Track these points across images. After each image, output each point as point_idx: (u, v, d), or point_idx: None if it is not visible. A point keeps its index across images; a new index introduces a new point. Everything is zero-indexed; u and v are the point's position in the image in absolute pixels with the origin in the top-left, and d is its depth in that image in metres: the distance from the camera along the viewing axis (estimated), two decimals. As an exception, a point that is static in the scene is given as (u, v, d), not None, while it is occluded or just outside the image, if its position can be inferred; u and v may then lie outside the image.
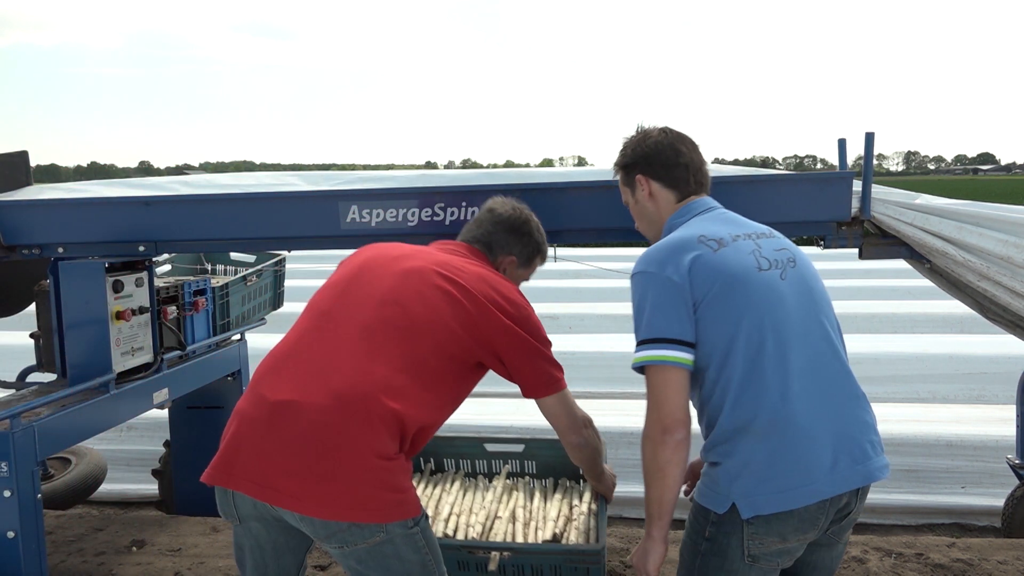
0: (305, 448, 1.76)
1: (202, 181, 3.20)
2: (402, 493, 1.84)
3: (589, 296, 10.06)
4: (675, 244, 1.86)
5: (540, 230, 2.36)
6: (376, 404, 1.81)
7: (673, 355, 1.77)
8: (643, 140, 2.11)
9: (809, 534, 1.82)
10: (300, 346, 1.93)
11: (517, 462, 3.05)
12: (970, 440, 4.26)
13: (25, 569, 2.39)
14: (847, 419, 1.84)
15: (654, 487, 1.85)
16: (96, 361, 2.88)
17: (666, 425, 1.78)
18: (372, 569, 1.89)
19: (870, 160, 2.59)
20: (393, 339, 1.90)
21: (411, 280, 2.00)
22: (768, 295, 1.83)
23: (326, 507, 1.76)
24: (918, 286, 10.22)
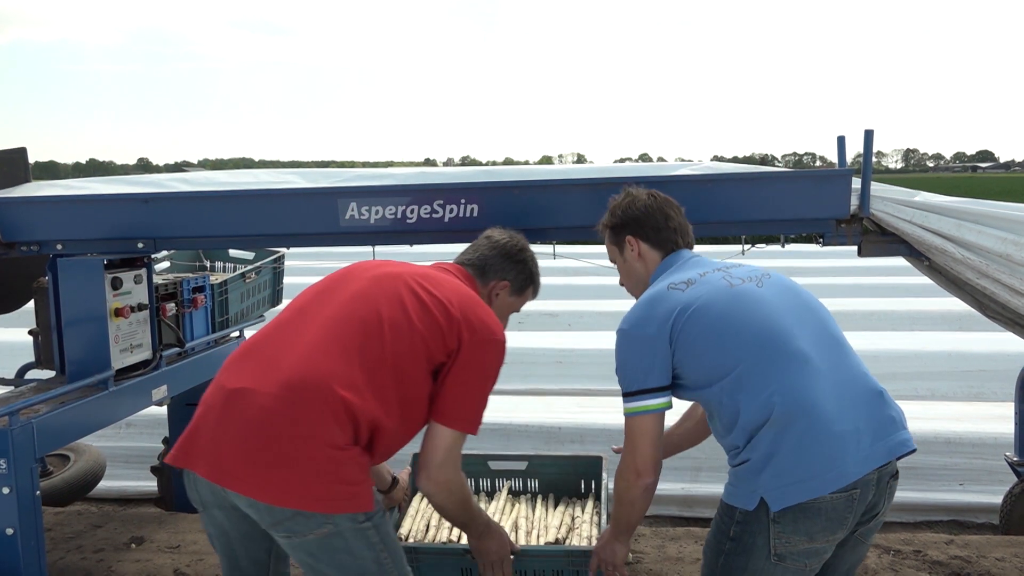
0: (254, 435, 1.80)
1: (201, 178, 3.19)
2: (351, 486, 1.84)
3: (587, 293, 10.05)
4: (648, 300, 2.01)
5: (535, 261, 2.37)
6: (326, 393, 1.82)
7: (647, 404, 1.95)
8: (632, 203, 2.23)
9: (838, 533, 1.82)
10: (265, 338, 1.98)
11: (520, 480, 3.06)
12: (968, 437, 4.26)
13: (24, 566, 2.40)
14: (861, 396, 1.87)
15: (623, 513, 2.12)
16: (95, 358, 2.88)
17: (639, 470, 1.99)
18: (323, 563, 1.89)
19: (869, 157, 2.59)
20: (354, 333, 1.92)
21: (385, 283, 2.03)
22: (749, 302, 1.94)
23: (271, 493, 1.79)
24: (917, 283, 10.21)
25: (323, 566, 1.90)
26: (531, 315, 8.53)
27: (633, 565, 2.86)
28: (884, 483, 1.87)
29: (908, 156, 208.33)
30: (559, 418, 4.58)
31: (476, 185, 2.77)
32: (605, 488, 2.80)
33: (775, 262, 13.74)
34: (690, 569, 2.85)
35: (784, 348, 1.86)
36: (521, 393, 5.67)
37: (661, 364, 1.94)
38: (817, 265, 13.26)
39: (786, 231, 2.82)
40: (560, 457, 3.13)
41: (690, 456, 4.16)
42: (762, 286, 1.99)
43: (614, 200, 2.28)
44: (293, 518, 1.81)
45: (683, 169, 2.80)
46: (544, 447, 4.44)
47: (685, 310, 1.92)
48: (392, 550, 1.97)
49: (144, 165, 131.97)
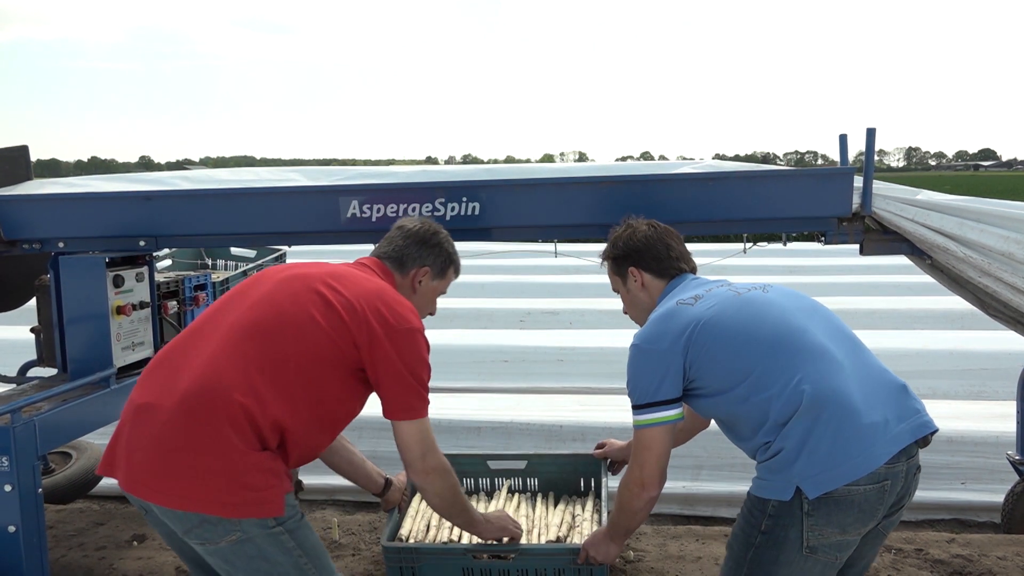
0: (157, 448, 1.85)
1: (202, 176, 3.19)
2: (256, 491, 1.85)
3: (589, 292, 10.05)
4: (661, 316, 2.05)
5: (450, 242, 2.37)
6: (222, 400, 1.85)
7: (657, 416, 1.99)
8: (633, 234, 2.29)
9: (868, 525, 1.86)
10: (172, 350, 2.02)
11: (519, 479, 3.06)
12: (970, 436, 4.25)
13: (26, 563, 2.40)
14: (886, 389, 1.91)
15: (622, 520, 2.20)
16: (97, 356, 2.89)
17: (644, 483, 2.05)
18: (239, 570, 1.91)
19: (871, 155, 2.59)
20: (254, 337, 1.94)
21: (290, 284, 2.04)
22: (760, 305, 2.00)
23: (176, 500, 1.83)
24: (918, 282, 10.21)
25: (239, 572, 1.91)
26: (532, 313, 8.53)
27: (634, 563, 2.87)
28: (911, 475, 1.91)
29: (910, 154, 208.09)
30: (560, 416, 4.58)
31: (478, 183, 2.77)
32: (605, 486, 2.80)
33: (776, 260, 13.76)
34: (691, 567, 2.85)
35: (802, 342, 1.91)
36: (522, 391, 5.67)
37: (673, 378, 1.97)
38: (818, 264, 13.26)
39: (788, 229, 2.82)
40: (559, 456, 3.13)
41: (691, 455, 4.17)
42: (767, 292, 2.06)
43: (614, 231, 2.35)
44: (201, 525, 1.85)
45: (685, 167, 2.80)
46: (545, 445, 4.43)
47: (698, 322, 1.97)
48: (313, 555, 1.97)
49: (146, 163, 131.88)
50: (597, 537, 2.36)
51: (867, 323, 7.69)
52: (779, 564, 1.86)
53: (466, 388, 5.81)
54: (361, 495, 4.18)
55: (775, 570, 1.87)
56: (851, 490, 1.80)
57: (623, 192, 2.70)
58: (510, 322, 8.30)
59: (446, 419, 4.66)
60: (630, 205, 2.67)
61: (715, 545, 3.05)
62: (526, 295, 10.10)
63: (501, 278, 11.41)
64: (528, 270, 13.08)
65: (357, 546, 3.04)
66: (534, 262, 14.15)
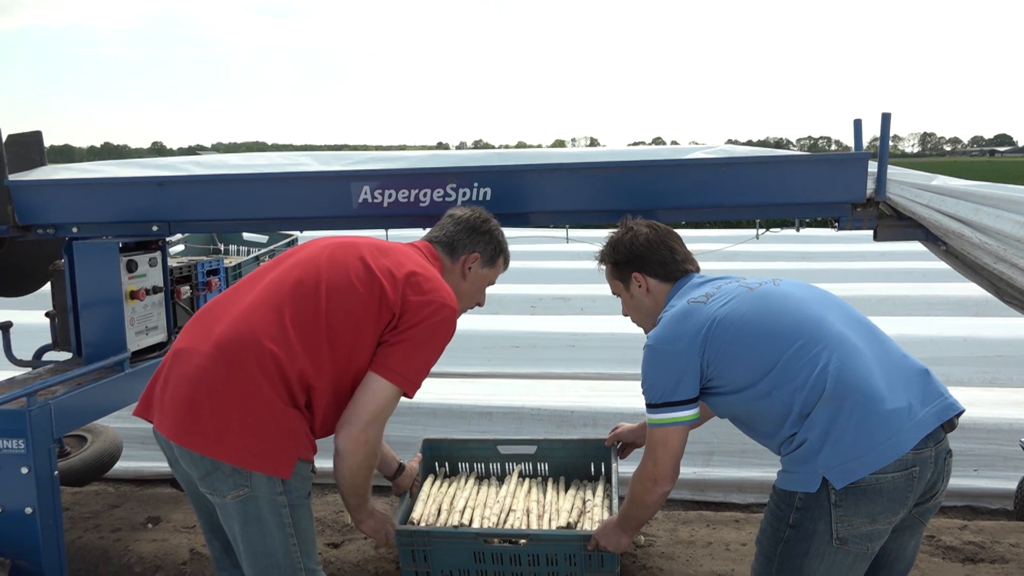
0: (187, 389, 1.90)
1: (214, 161, 3.20)
2: (269, 445, 1.88)
3: (600, 278, 9.99)
4: (675, 316, 2.03)
5: (501, 231, 2.39)
6: (255, 347, 1.89)
7: (672, 416, 1.98)
8: (635, 238, 2.25)
9: (898, 514, 1.84)
10: (215, 303, 2.08)
11: (530, 464, 3.07)
12: (983, 423, 4.23)
13: (43, 544, 2.43)
14: (908, 375, 1.89)
15: (634, 513, 2.22)
16: (111, 340, 2.91)
17: (657, 478, 2.05)
18: (237, 531, 1.95)
19: (886, 141, 2.56)
20: (291, 293, 1.98)
21: (335, 251, 2.08)
22: (775, 299, 1.98)
23: (194, 441, 1.88)
24: (932, 268, 10.14)
25: (237, 535, 1.96)
26: (544, 299, 8.53)
27: (645, 548, 2.87)
28: (941, 460, 1.88)
29: (925, 140, 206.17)
30: (571, 402, 4.59)
31: (489, 169, 2.76)
32: (615, 471, 2.81)
33: (789, 247, 13.68)
34: (701, 552, 2.86)
35: (821, 332, 1.89)
36: (533, 377, 5.68)
37: (690, 378, 1.96)
38: (831, 250, 13.18)
39: (801, 215, 2.80)
40: (569, 441, 3.13)
41: (703, 441, 4.17)
42: (779, 285, 2.04)
43: (614, 235, 2.31)
44: (214, 472, 1.89)
45: (697, 152, 2.79)
46: (556, 431, 4.45)
47: (714, 321, 1.95)
48: (303, 538, 1.99)
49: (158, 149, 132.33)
50: (608, 527, 2.37)
51: (881, 310, 7.65)
52: (810, 557, 1.84)
53: (477, 373, 5.83)
54: (373, 479, 4.20)
55: (806, 563, 1.85)
56: (879, 478, 1.78)
57: (635, 177, 2.69)
58: (521, 308, 8.30)
59: (457, 404, 4.68)
60: (642, 190, 2.67)
61: (726, 531, 3.05)
62: (537, 281, 10.10)
63: (512, 263, 11.36)
64: (539, 256, 13.07)
65: (369, 529, 3.06)
66: (545, 248, 14.13)
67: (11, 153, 3.07)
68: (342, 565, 2.82)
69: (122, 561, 2.94)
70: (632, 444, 2.90)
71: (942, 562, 2.82)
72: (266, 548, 1.95)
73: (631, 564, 2.74)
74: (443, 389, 4.97)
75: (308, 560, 2.02)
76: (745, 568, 2.70)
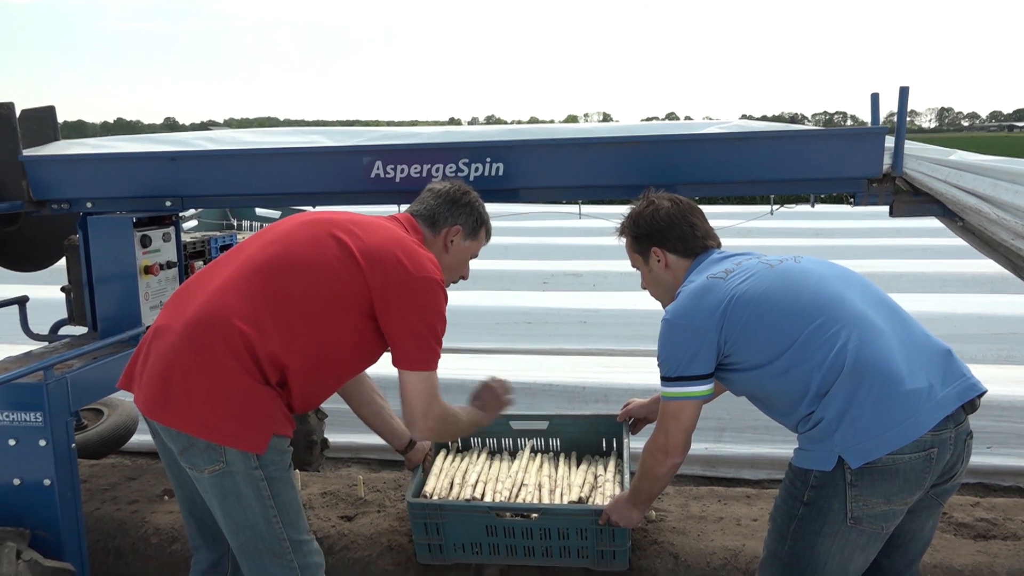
0: (162, 366, 1.94)
1: (227, 137, 3.20)
2: (240, 422, 1.91)
3: (613, 254, 9.99)
4: (694, 292, 2.01)
5: (481, 203, 2.37)
6: (222, 325, 1.91)
7: (686, 391, 1.98)
8: (655, 212, 2.22)
9: (915, 494, 1.82)
10: (192, 281, 2.11)
11: (542, 439, 3.07)
12: (997, 400, 4.21)
13: (62, 515, 2.47)
14: (930, 355, 1.88)
15: (645, 486, 2.23)
16: (126, 315, 2.93)
17: (668, 451, 2.06)
18: (216, 506, 1.99)
19: (903, 115, 2.53)
20: (263, 272, 1.99)
21: (309, 227, 2.08)
22: (796, 276, 1.96)
23: (170, 417, 1.91)
24: (947, 245, 10.06)
25: (216, 510, 2.00)
26: (556, 275, 8.52)
27: (656, 523, 2.89)
28: (962, 441, 1.87)
29: (942, 115, 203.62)
30: (583, 378, 4.60)
31: (502, 144, 2.75)
32: (627, 447, 2.81)
33: (803, 223, 13.59)
34: (712, 527, 2.87)
35: (842, 310, 1.87)
36: (545, 353, 5.69)
37: (705, 354, 1.95)
38: (846, 226, 13.09)
39: (817, 191, 2.78)
40: (581, 416, 3.14)
41: (714, 416, 4.17)
42: (800, 262, 2.02)
43: (635, 208, 2.28)
44: (190, 448, 1.92)
45: (712, 127, 2.76)
46: (568, 407, 4.46)
47: (733, 297, 1.93)
48: (285, 510, 2.01)
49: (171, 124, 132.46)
50: (620, 502, 2.37)
51: (896, 287, 7.61)
52: (823, 535, 1.84)
53: (489, 349, 5.85)
54: (385, 453, 4.24)
55: (819, 541, 1.85)
56: (895, 459, 1.76)
57: (649, 153, 2.67)
58: (533, 284, 8.31)
59: (470, 379, 4.68)
60: (656, 166, 2.65)
61: (737, 506, 3.06)
62: (550, 257, 10.09)
63: (524, 240, 11.40)
64: (552, 232, 13.05)
65: (382, 503, 3.08)
66: (558, 224, 14.10)
67: (25, 128, 3.08)
68: (355, 538, 2.85)
69: (139, 532, 2.98)
70: (644, 420, 2.90)
71: (954, 539, 2.82)
72: (247, 520, 1.98)
73: (642, 539, 2.76)
74: (455, 364, 4.99)
75: (293, 531, 2.03)
76: (756, 543, 2.71)
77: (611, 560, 2.56)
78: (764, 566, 2.00)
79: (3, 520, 2.45)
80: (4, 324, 4.72)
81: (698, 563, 2.66)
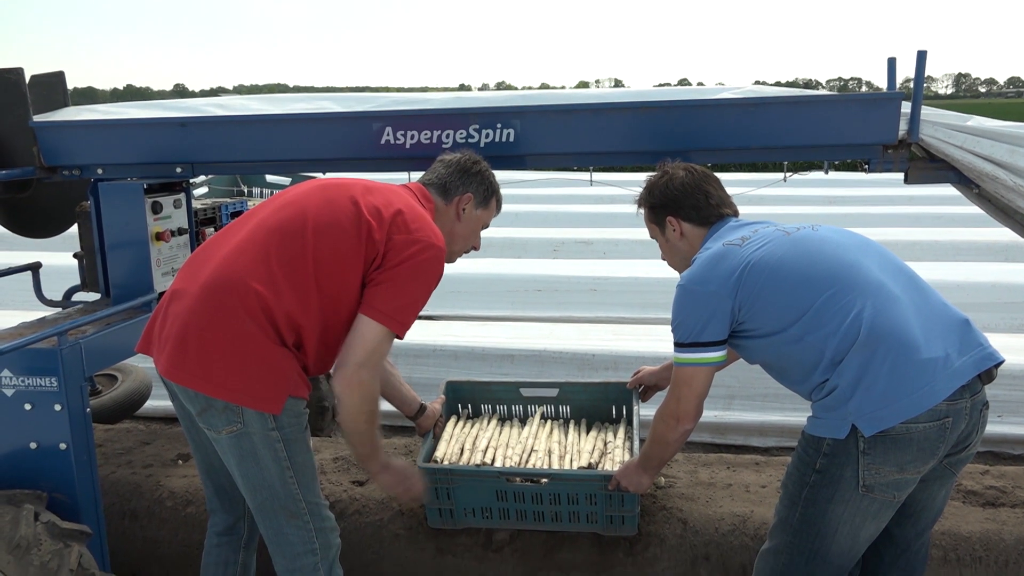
0: (179, 328, 1.96)
1: (236, 103, 3.18)
2: (257, 382, 1.93)
3: (623, 222, 9.97)
4: (709, 258, 2.01)
5: (491, 172, 2.38)
6: (238, 287, 1.93)
7: (699, 357, 1.98)
8: (670, 182, 2.23)
9: (928, 463, 1.82)
10: (207, 245, 2.13)
11: (552, 406, 3.09)
12: (1009, 370, 4.20)
13: (78, 478, 2.50)
14: (947, 324, 1.87)
15: (656, 451, 2.24)
16: (138, 281, 2.94)
17: (680, 416, 2.06)
18: (234, 467, 2.02)
19: (921, 80, 2.49)
20: (277, 234, 2.00)
21: (324, 191, 2.09)
22: (813, 243, 1.95)
23: (189, 378, 1.93)
24: (960, 213, 9.98)
25: (235, 471, 2.03)
26: (566, 243, 8.51)
27: (665, 489, 2.91)
28: (977, 412, 1.86)
29: (959, 81, 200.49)
30: (593, 345, 4.61)
31: (512, 109, 2.72)
32: (637, 414, 2.82)
33: (816, 191, 13.48)
34: (721, 494, 2.89)
35: (858, 277, 1.86)
36: (555, 321, 5.70)
37: (719, 320, 1.94)
38: (859, 194, 12.98)
39: (832, 157, 2.74)
40: (591, 384, 3.15)
41: (723, 384, 4.18)
42: (817, 230, 2.01)
43: (651, 179, 2.29)
44: (209, 409, 1.95)
45: (725, 93, 2.72)
46: (578, 374, 4.48)
47: (748, 263, 1.93)
48: (300, 471, 2.03)
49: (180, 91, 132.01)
50: (629, 468, 2.39)
51: (909, 255, 7.54)
52: (834, 503, 1.85)
53: (500, 317, 5.86)
54: (396, 419, 4.27)
55: (830, 508, 1.86)
56: (909, 428, 1.76)
57: (661, 118, 2.64)
58: (544, 252, 8.30)
59: (480, 347, 4.71)
60: (668, 132, 2.62)
61: (745, 473, 3.07)
62: (560, 224, 10.06)
63: (535, 207, 11.37)
64: (562, 199, 12.99)
65: (393, 468, 3.11)
66: (568, 191, 14.03)
67: (35, 94, 3.07)
68: (366, 502, 2.88)
69: (154, 496, 3.02)
70: (654, 387, 2.91)
71: (963, 506, 2.83)
72: (264, 481, 2.01)
73: (651, 504, 2.78)
74: (466, 332, 5.01)
75: (308, 493, 2.07)
76: (764, 510, 2.72)
77: (620, 525, 2.59)
78: (775, 532, 2.02)
79: (20, 483, 2.48)
80: (18, 290, 4.76)
81: (706, 529, 2.68)
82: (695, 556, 2.64)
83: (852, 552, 1.90)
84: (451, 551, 2.72)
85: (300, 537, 2.07)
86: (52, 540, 2.32)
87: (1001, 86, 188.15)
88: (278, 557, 2.12)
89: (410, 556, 2.74)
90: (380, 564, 2.77)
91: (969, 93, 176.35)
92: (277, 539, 2.09)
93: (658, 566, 2.64)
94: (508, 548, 2.70)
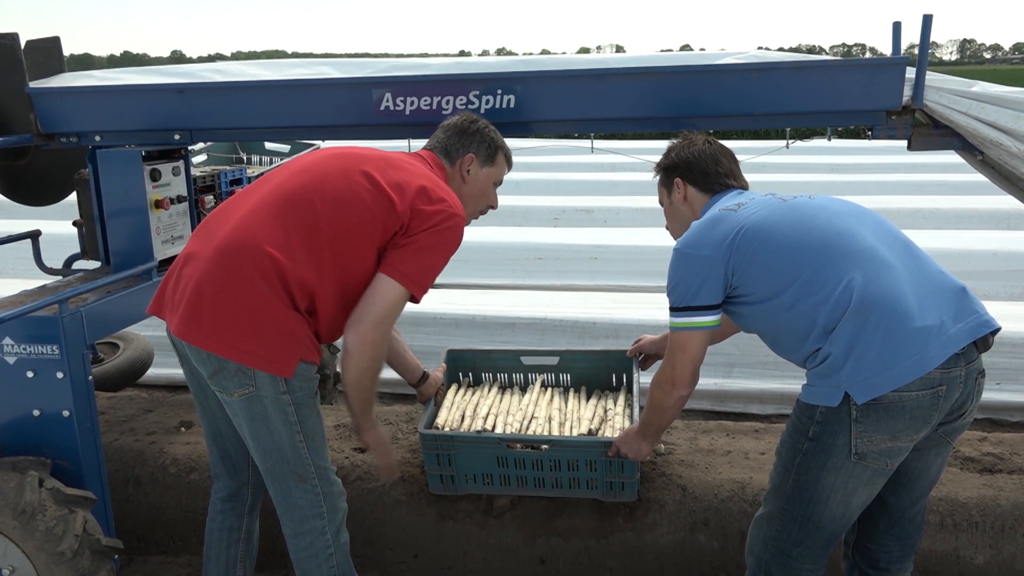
0: (192, 289, 1.97)
1: (234, 69, 3.15)
2: (269, 345, 1.94)
3: (624, 189, 9.94)
4: (705, 222, 2.02)
5: (492, 129, 2.38)
6: (253, 250, 1.93)
7: (693, 321, 1.98)
8: (687, 146, 2.27)
9: (921, 432, 1.82)
10: (221, 209, 2.13)
11: (552, 374, 3.09)
12: (1008, 337, 4.20)
13: (81, 445, 2.52)
14: (943, 292, 1.87)
15: (653, 418, 2.23)
16: (138, 249, 2.93)
17: (675, 382, 2.06)
18: (245, 430, 2.03)
19: (926, 45, 2.46)
20: (293, 200, 2.00)
21: (339, 160, 2.09)
22: (808, 210, 1.96)
23: (202, 338, 1.94)
24: (962, 181, 9.94)
25: (248, 437, 2.04)
26: (567, 211, 8.48)
27: (665, 456, 2.93)
28: (972, 380, 1.87)
29: (964, 47, 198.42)
30: (594, 314, 4.61)
31: (513, 75, 2.69)
32: (637, 382, 2.83)
33: (819, 158, 13.41)
34: (720, 460, 2.91)
35: (851, 245, 1.86)
36: (556, 289, 5.70)
37: (713, 284, 1.94)
38: (861, 161, 12.92)
39: (836, 123, 2.72)
40: (591, 352, 3.16)
41: (724, 352, 4.19)
42: (814, 199, 2.02)
43: (672, 143, 2.34)
44: (221, 371, 1.96)
45: (727, 58, 2.69)
46: (578, 342, 4.48)
47: (742, 228, 1.93)
48: (310, 435, 2.06)
49: (177, 57, 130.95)
50: (629, 435, 2.40)
51: (910, 223, 7.54)
52: (827, 470, 1.86)
53: (500, 285, 5.86)
54: (398, 387, 4.29)
55: (823, 476, 1.87)
56: (902, 395, 1.76)
57: (663, 84, 2.61)
58: (544, 220, 8.27)
59: (480, 315, 4.72)
60: (671, 98, 2.60)
61: (745, 440, 3.09)
62: (561, 193, 10.02)
63: (536, 175, 11.31)
64: (563, 167, 12.93)
65: (395, 435, 3.13)
66: (569, 159, 13.96)
67: (30, 60, 3.03)
68: (369, 469, 2.90)
69: (157, 463, 3.05)
70: (654, 356, 2.92)
71: (960, 472, 2.85)
72: (274, 444, 2.03)
73: (651, 471, 2.80)
74: (466, 300, 5.01)
75: (317, 457, 2.09)
76: (763, 476, 2.74)
77: (620, 491, 2.61)
78: (768, 498, 2.03)
79: (24, 450, 2.50)
80: (18, 258, 4.75)
81: (705, 495, 2.71)
82: (694, 522, 2.67)
83: (844, 518, 1.92)
84: (452, 517, 2.75)
85: (308, 501, 2.10)
86: (57, 506, 2.35)
87: (1006, 52, 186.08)
88: (286, 520, 2.14)
89: (411, 522, 2.77)
90: (382, 529, 2.80)
91: (974, 59, 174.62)
92: (285, 502, 2.11)
93: (657, 531, 2.67)
94: (509, 514, 2.72)
